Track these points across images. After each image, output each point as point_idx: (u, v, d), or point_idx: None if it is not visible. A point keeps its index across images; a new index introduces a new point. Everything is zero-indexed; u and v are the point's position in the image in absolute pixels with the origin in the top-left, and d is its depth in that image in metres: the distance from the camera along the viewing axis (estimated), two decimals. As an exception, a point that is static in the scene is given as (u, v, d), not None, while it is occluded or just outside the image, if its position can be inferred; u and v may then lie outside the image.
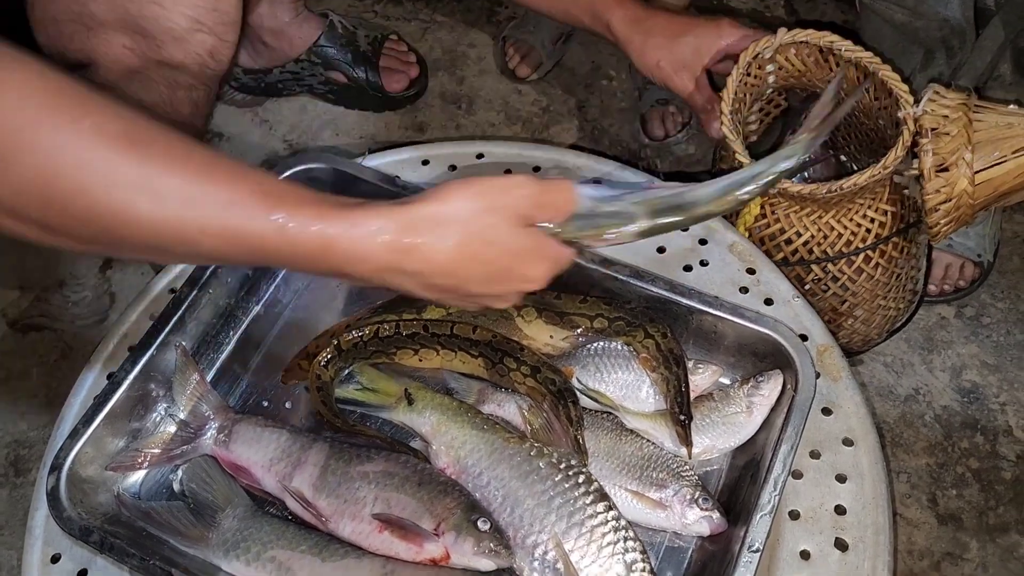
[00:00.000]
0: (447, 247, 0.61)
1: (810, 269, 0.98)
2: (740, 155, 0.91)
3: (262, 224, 0.57)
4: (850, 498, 0.80)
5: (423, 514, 0.76)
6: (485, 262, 0.62)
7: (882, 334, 1.11)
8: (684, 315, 0.86)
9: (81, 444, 0.79)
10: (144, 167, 0.53)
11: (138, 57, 0.85)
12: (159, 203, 0.54)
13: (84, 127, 0.52)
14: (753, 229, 0.98)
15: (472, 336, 0.85)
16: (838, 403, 0.86)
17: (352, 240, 0.59)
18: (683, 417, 0.80)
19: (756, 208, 0.96)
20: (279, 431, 0.83)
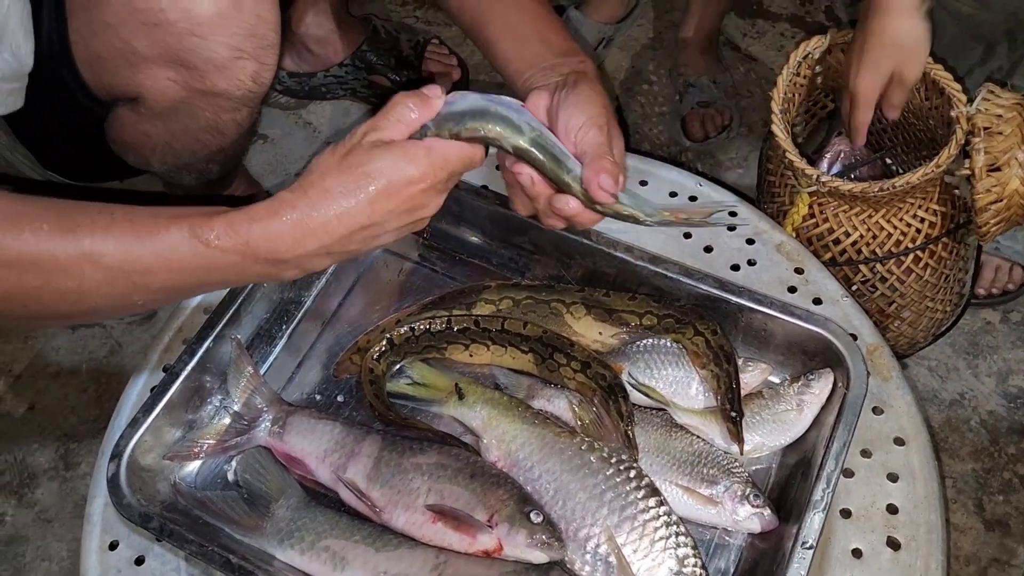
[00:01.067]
0: (335, 190, 0.65)
1: (858, 269, 0.98)
2: (791, 154, 0.91)
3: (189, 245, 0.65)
4: (902, 497, 0.80)
5: (476, 505, 0.77)
6: (369, 178, 0.65)
7: (928, 337, 1.10)
8: (733, 313, 0.86)
9: (141, 433, 0.81)
10: (79, 246, 0.64)
11: (183, 88, 0.86)
12: (103, 268, 0.64)
13: (25, 235, 0.63)
14: (801, 229, 0.98)
15: (523, 332, 0.86)
16: (889, 403, 0.85)
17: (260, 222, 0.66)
18: (734, 414, 0.80)
19: (804, 208, 0.96)
20: (332, 423, 0.85)
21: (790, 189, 0.99)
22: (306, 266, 0.69)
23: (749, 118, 1.42)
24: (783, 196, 1.00)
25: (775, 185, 1.02)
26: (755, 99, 1.44)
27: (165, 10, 0.79)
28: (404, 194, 0.67)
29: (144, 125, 0.91)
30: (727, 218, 0.92)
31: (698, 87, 1.37)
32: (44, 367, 1.26)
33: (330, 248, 0.67)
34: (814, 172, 0.90)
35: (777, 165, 1.01)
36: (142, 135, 0.93)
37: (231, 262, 0.66)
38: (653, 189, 1.02)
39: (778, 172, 1.02)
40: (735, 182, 1.36)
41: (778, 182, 1.02)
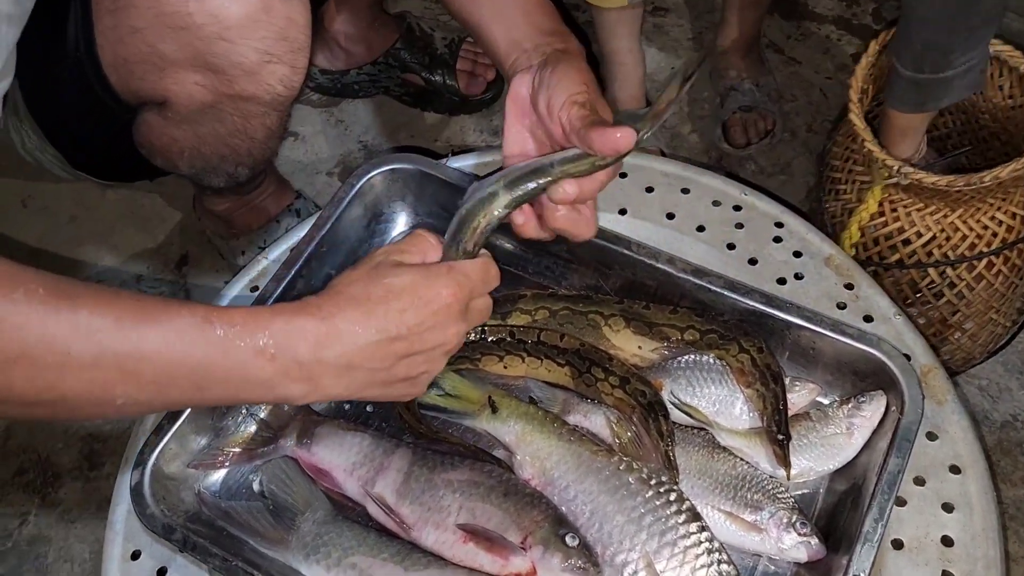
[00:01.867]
0: (361, 295, 0.64)
1: (926, 273, 0.93)
2: (870, 143, 0.86)
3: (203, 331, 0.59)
4: (958, 528, 0.76)
5: (509, 526, 0.74)
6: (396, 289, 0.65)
7: (984, 353, 1.06)
8: (780, 330, 0.83)
9: (166, 440, 0.79)
10: (74, 316, 0.56)
11: (211, 92, 0.84)
12: (95, 345, 0.57)
13: (17, 296, 0.55)
14: (867, 228, 0.93)
15: (559, 344, 0.83)
16: (944, 428, 0.81)
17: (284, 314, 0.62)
18: (781, 436, 0.76)
19: (874, 205, 0.91)
20: (361, 435, 0.82)
21: (859, 185, 0.94)
22: (323, 382, 0.63)
23: (792, 123, 1.38)
24: (850, 193, 0.95)
25: (841, 181, 0.97)
26: (799, 104, 1.40)
27: (192, 14, 0.77)
28: (430, 308, 0.65)
29: (171, 129, 0.89)
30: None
31: (740, 91, 1.33)
32: (70, 365, 1.25)
33: (351, 360, 0.63)
34: (895, 162, 0.85)
35: (844, 160, 0.96)
36: (169, 139, 0.91)
37: (241, 359, 0.60)
38: (695, 198, 0.98)
39: (846, 168, 0.97)
40: (777, 190, 1.31)
41: (844, 178, 0.97)
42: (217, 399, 0.65)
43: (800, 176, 1.32)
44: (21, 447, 1.17)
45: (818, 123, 1.38)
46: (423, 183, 0.93)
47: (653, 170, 1.01)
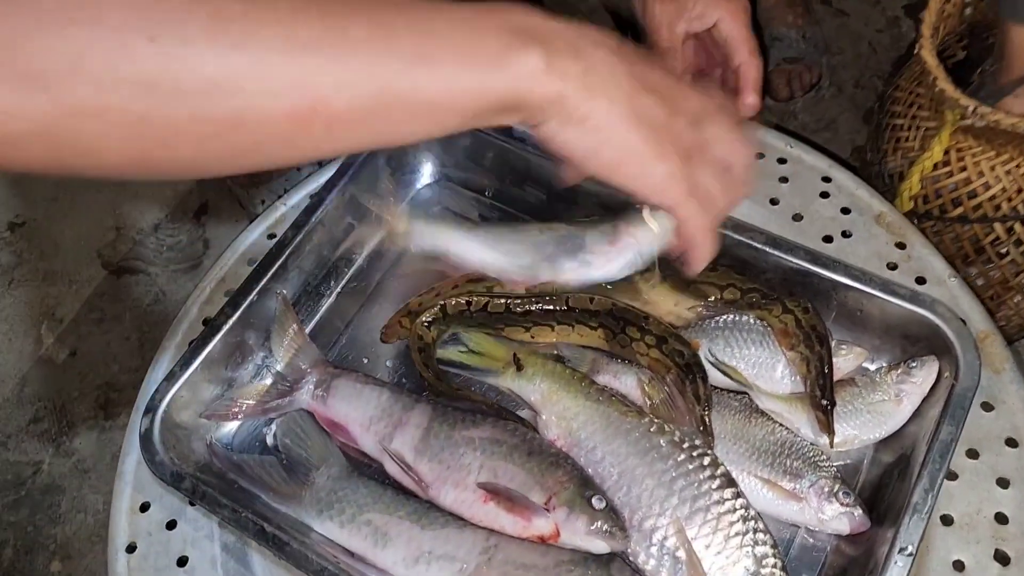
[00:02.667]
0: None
1: (991, 229, 0.86)
2: (942, 81, 0.79)
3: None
4: (1013, 506, 0.71)
5: (532, 486, 0.70)
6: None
7: (1044, 320, 0.99)
8: (825, 290, 0.77)
9: (177, 388, 0.76)
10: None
11: None
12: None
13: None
14: (929, 179, 0.87)
15: (589, 307, 0.78)
16: (1001, 398, 0.76)
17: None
18: (825, 402, 0.72)
19: (939, 152, 0.85)
20: (380, 388, 0.78)
21: (923, 132, 0.87)
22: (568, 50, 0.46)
23: (839, 77, 1.31)
24: (913, 140, 0.88)
25: (902, 128, 0.90)
26: (846, 57, 1.33)
27: None
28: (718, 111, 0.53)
29: None
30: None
31: (785, 41, 1.26)
32: (87, 312, 1.23)
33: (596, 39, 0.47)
34: (971, 102, 0.78)
35: (908, 105, 0.89)
36: None
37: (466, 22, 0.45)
38: (738, 149, 0.92)
39: (909, 114, 0.90)
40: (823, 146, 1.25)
41: (907, 124, 0.90)
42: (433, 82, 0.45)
43: (845, 133, 1.26)
44: (36, 395, 1.16)
45: (866, 78, 1.30)
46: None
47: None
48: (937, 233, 0.90)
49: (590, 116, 0.48)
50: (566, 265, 0.77)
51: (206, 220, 1.28)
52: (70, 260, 1.25)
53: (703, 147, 0.52)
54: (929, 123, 0.87)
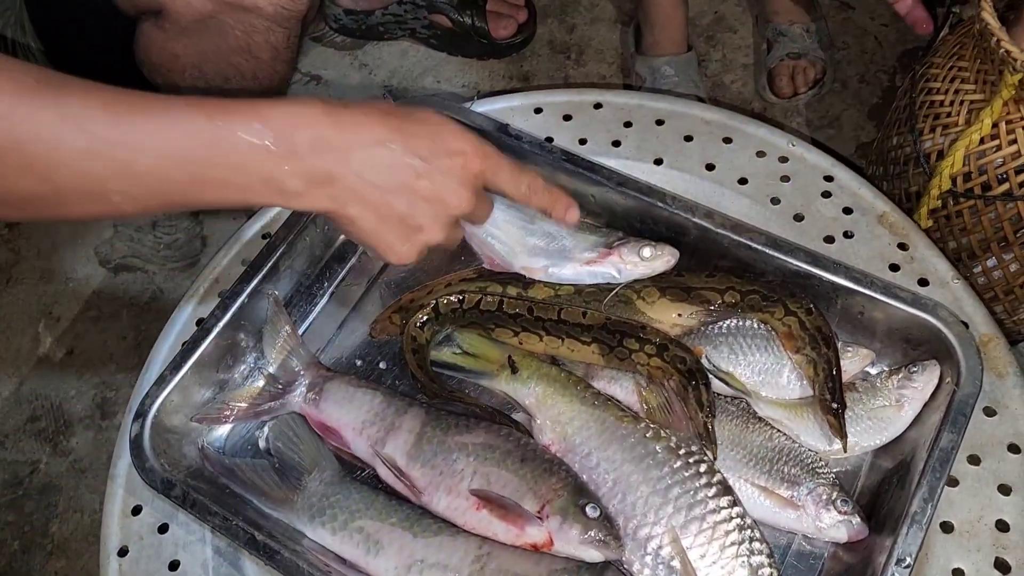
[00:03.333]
0: (379, 107, 0.62)
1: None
2: (1007, 43, 0.75)
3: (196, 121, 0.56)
4: (1015, 513, 0.70)
5: (526, 493, 0.69)
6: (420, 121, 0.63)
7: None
8: (827, 293, 0.76)
9: (168, 392, 0.75)
10: (63, 106, 0.54)
11: (209, 1, 0.79)
12: (86, 135, 0.54)
13: (4, 85, 0.52)
14: (974, 154, 0.83)
15: (582, 321, 0.76)
16: (1004, 403, 0.75)
17: (286, 106, 0.59)
18: (836, 405, 0.70)
19: (987, 126, 0.81)
20: (373, 392, 0.77)
21: (968, 106, 0.84)
22: (315, 172, 0.59)
23: (843, 73, 1.29)
24: (956, 115, 0.85)
25: (943, 104, 0.87)
26: (851, 52, 1.31)
27: None
28: (446, 147, 0.62)
29: (171, 44, 0.84)
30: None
31: (789, 36, 1.24)
32: (85, 311, 1.22)
33: (349, 159, 0.59)
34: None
35: (949, 80, 0.85)
36: (170, 55, 0.86)
37: (235, 144, 0.56)
38: (737, 148, 0.91)
39: (950, 89, 0.86)
40: (825, 143, 1.23)
41: (948, 99, 0.86)
42: (216, 197, 0.59)
43: (849, 130, 1.24)
44: (34, 393, 1.15)
45: (871, 73, 1.28)
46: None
47: (693, 117, 0.94)
48: (976, 213, 0.86)
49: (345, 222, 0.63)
50: (541, 260, 0.77)
51: (203, 217, 1.27)
52: (67, 258, 1.25)
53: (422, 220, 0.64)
54: (975, 96, 0.84)
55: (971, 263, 0.90)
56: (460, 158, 0.63)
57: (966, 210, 0.86)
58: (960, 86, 0.85)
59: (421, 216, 0.63)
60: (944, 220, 0.88)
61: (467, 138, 0.64)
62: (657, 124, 0.94)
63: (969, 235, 0.87)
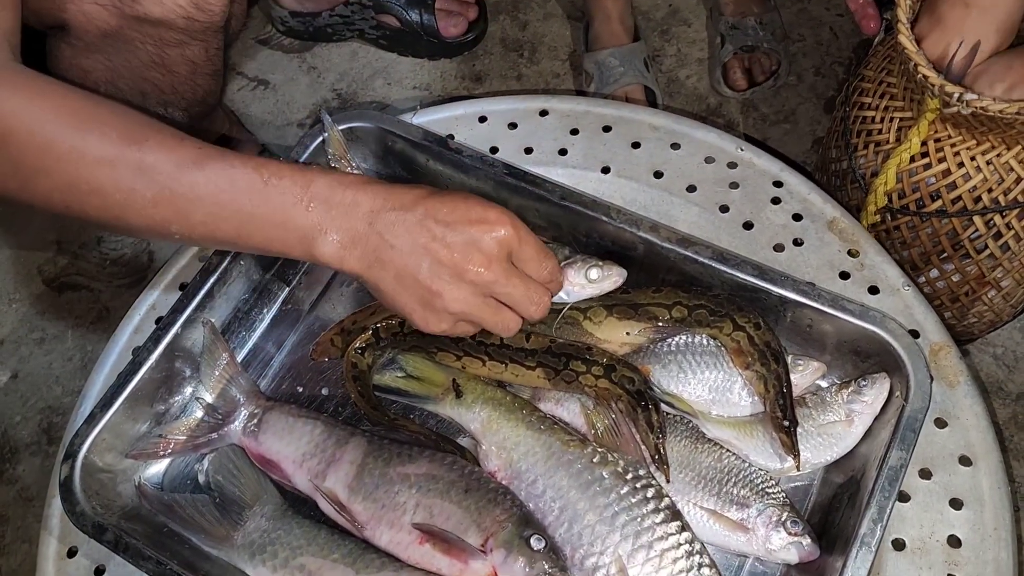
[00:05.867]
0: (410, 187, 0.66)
1: (970, 222, 0.82)
2: (924, 67, 0.74)
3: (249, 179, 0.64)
4: (967, 528, 0.69)
5: (469, 526, 0.67)
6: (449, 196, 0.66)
7: (1012, 314, 0.96)
8: (775, 306, 0.74)
9: (98, 431, 0.72)
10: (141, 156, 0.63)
11: (113, 15, 0.76)
12: (155, 185, 0.63)
13: (92, 135, 0.62)
14: (906, 172, 0.82)
15: (525, 346, 0.74)
16: (955, 413, 0.74)
17: (331, 175, 0.65)
18: (787, 422, 0.69)
19: (917, 144, 0.80)
20: (313, 422, 0.75)
21: (899, 123, 0.83)
22: (345, 234, 0.64)
23: (799, 65, 1.27)
24: (886, 133, 0.84)
25: (874, 120, 0.86)
26: (807, 44, 1.28)
27: None
28: (472, 217, 0.64)
29: (80, 60, 0.81)
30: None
31: (741, 29, 1.22)
32: (29, 332, 1.19)
33: (375, 223, 0.63)
34: (956, 89, 0.74)
35: (879, 96, 0.85)
36: (80, 71, 0.82)
37: (280, 204, 0.63)
38: (686, 154, 0.89)
39: (881, 105, 0.86)
40: (780, 139, 1.21)
41: (879, 116, 0.85)
42: (259, 244, 0.66)
43: (806, 124, 1.22)
44: (-22, 420, 1.12)
45: (827, 66, 1.27)
46: (385, 142, 0.84)
47: (640, 123, 0.92)
48: (913, 228, 0.86)
49: (372, 287, 0.67)
50: None
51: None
52: (9, 278, 1.21)
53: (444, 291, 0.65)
54: (904, 113, 0.82)
55: (915, 274, 0.89)
56: (483, 226, 0.64)
57: (904, 225, 0.85)
58: (890, 103, 0.84)
59: (440, 281, 0.64)
60: (885, 234, 0.87)
61: (492, 208, 0.65)
62: (604, 131, 0.92)
63: (909, 249, 0.86)
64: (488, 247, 0.64)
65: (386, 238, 0.64)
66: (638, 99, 1.20)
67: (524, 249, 0.65)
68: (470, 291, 0.64)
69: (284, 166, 0.65)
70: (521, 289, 0.66)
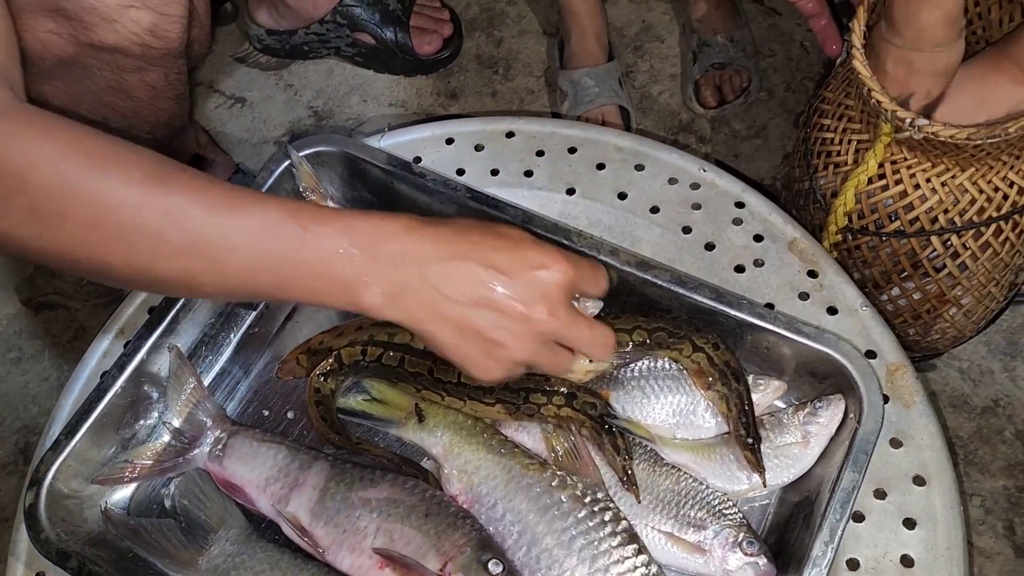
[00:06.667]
0: (459, 224, 0.63)
1: (928, 242, 0.83)
2: (878, 93, 0.75)
3: (287, 225, 0.59)
4: (920, 548, 0.70)
5: (428, 551, 0.68)
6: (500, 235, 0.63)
7: (974, 330, 0.97)
8: (734, 328, 0.75)
9: (63, 457, 0.73)
10: (169, 200, 0.58)
11: (67, 42, 0.76)
12: (186, 233, 0.58)
13: (114, 177, 0.58)
14: (864, 193, 0.83)
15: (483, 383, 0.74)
16: (910, 433, 0.75)
17: (370, 218, 0.61)
18: (751, 439, 0.70)
19: (874, 167, 0.81)
20: (277, 447, 0.76)
21: (856, 145, 0.85)
22: (397, 291, 0.60)
23: (770, 81, 1.28)
24: (845, 155, 0.85)
25: (833, 143, 0.87)
26: (777, 60, 1.30)
27: None
28: (529, 262, 0.61)
29: (39, 86, 0.81)
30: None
31: (713, 46, 1.23)
32: (6, 352, 1.19)
33: (426, 274, 0.60)
34: (908, 114, 0.75)
35: (838, 118, 0.86)
36: (41, 97, 0.82)
37: (321, 256, 0.59)
38: (650, 175, 0.90)
39: (839, 127, 0.87)
40: (751, 155, 1.22)
41: (838, 138, 0.87)
42: (299, 296, 0.63)
43: (776, 140, 1.23)
44: (-45, 440, 1.13)
45: (798, 81, 1.28)
46: (350, 165, 0.85)
47: (606, 144, 0.93)
48: (874, 249, 0.87)
49: (428, 338, 0.63)
50: None
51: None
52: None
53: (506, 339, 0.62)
54: (861, 136, 0.84)
55: (877, 293, 0.90)
56: (543, 272, 0.61)
57: (864, 245, 0.86)
58: (848, 124, 0.85)
59: (502, 332, 0.61)
60: (846, 253, 0.88)
61: (549, 251, 0.62)
62: (570, 152, 0.93)
63: (871, 268, 0.87)
64: (552, 295, 0.61)
65: (443, 292, 0.60)
66: (612, 119, 1.21)
67: (584, 287, 0.65)
68: (535, 340, 0.62)
69: (319, 210, 0.62)
70: (587, 332, 0.64)
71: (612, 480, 0.72)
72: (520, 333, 0.61)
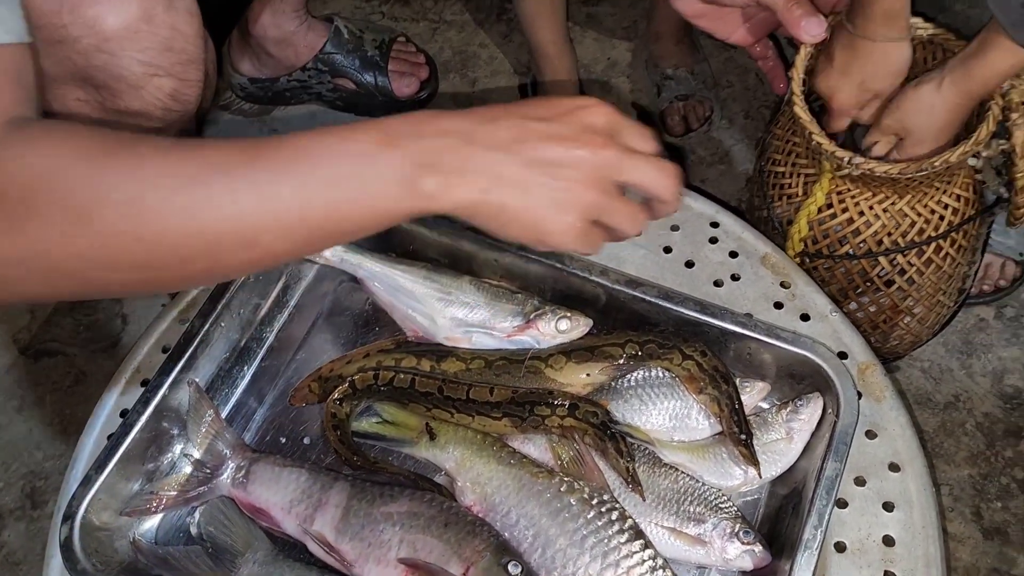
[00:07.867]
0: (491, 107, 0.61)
1: (877, 262, 0.92)
2: (818, 135, 0.84)
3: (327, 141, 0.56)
4: (899, 528, 0.77)
5: (451, 557, 0.73)
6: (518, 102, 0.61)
7: (930, 335, 1.06)
8: (718, 337, 0.82)
9: (94, 491, 0.76)
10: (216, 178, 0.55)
11: (95, 109, 0.80)
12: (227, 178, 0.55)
13: (148, 170, 0.55)
14: (815, 221, 0.92)
15: (490, 399, 0.79)
16: (882, 425, 0.82)
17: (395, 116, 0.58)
18: (744, 436, 0.76)
19: (821, 198, 0.90)
20: (298, 470, 0.80)
21: (805, 178, 0.93)
22: (447, 161, 0.56)
23: (729, 110, 1.37)
24: (796, 187, 0.94)
25: (784, 176, 0.96)
26: (735, 89, 1.39)
27: (67, 25, 0.72)
28: (573, 104, 0.59)
29: None
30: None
31: (676, 80, 1.32)
32: (7, 400, 1.21)
33: (472, 136, 0.57)
34: (846, 154, 0.84)
35: (787, 154, 0.95)
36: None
37: (364, 152, 0.55)
38: (630, 200, 0.97)
39: (788, 162, 0.95)
40: (717, 180, 1.31)
41: (788, 172, 0.95)
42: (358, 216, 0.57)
43: (739, 164, 1.32)
44: (-40, 489, 1.14)
45: (755, 109, 1.37)
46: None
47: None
48: (829, 269, 0.96)
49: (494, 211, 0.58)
50: (463, 331, 0.82)
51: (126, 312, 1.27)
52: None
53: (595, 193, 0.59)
54: (808, 170, 0.93)
55: (838, 307, 0.98)
56: (585, 111, 0.59)
57: (820, 266, 0.94)
58: (796, 160, 0.94)
59: (564, 171, 0.58)
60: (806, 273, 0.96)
61: (583, 96, 0.62)
62: (554, 183, 0.99)
63: (829, 286, 0.96)
64: (601, 126, 0.59)
65: (493, 149, 0.57)
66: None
67: (625, 132, 0.61)
68: (599, 174, 0.59)
69: (351, 125, 0.58)
70: (648, 162, 0.60)
71: (615, 482, 0.77)
72: (582, 165, 0.58)
